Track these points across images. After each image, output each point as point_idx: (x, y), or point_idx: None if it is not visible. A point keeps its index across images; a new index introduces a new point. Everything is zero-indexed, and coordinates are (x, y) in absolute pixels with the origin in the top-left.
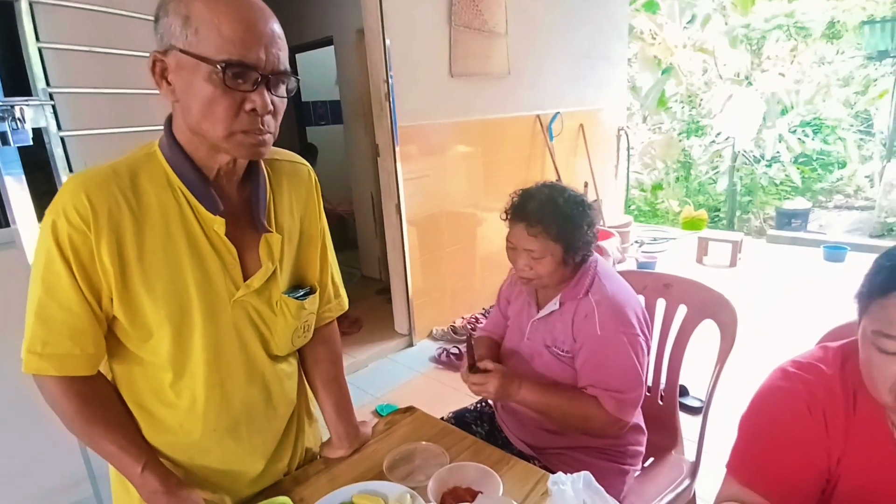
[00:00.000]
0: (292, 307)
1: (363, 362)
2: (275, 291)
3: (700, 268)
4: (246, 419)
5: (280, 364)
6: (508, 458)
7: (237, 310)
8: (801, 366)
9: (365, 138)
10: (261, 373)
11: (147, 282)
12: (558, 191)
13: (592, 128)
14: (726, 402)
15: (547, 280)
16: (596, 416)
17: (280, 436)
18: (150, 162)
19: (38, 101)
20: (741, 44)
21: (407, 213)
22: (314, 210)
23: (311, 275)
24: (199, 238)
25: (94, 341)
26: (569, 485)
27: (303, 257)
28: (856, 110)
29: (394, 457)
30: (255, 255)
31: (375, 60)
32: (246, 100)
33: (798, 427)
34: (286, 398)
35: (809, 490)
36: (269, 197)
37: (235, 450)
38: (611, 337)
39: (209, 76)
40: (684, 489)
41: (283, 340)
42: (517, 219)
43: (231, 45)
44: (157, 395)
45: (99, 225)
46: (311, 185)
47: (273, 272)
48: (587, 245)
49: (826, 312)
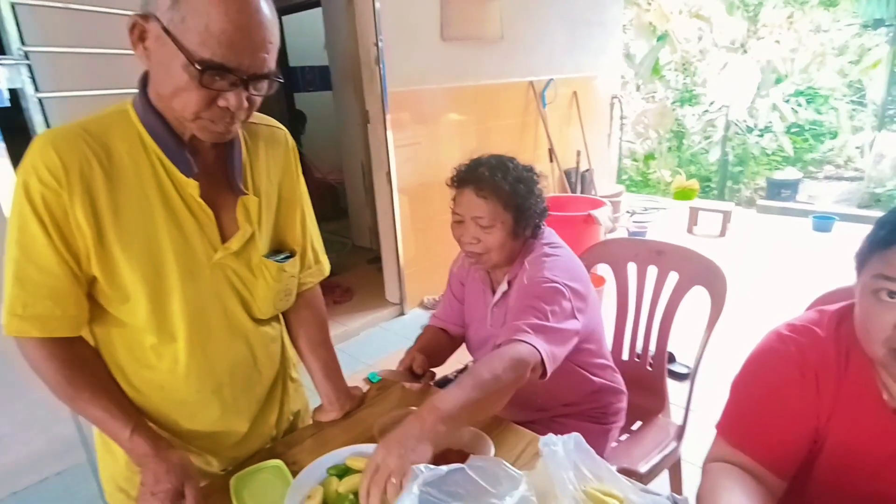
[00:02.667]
0: (272, 270)
1: (355, 331)
2: (254, 254)
3: (690, 237)
4: (229, 381)
5: (263, 327)
6: (499, 421)
7: (216, 272)
8: (796, 328)
9: (355, 105)
10: (243, 335)
11: (122, 241)
12: (507, 159)
13: (586, 96)
14: (713, 368)
15: (496, 256)
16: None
17: (264, 398)
18: (122, 121)
19: (13, 61)
20: (738, 10)
21: (398, 181)
22: (292, 174)
23: (290, 239)
24: (173, 199)
25: (75, 302)
26: (560, 445)
27: (282, 221)
28: (849, 80)
29: (385, 421)
30: (232, 217)
31: (365, 23)
32: (219, 97)
33: (789, 390)
34: (270, 360)
35: (798, 450)
36: (246, 160)
37: (220, 412)
38: (533, 283)
39: (186, 67)
40: (671, 451)
41: (264, 304)
42: (466, 183)
43: (216, 45)
44: (137, 359)
45: (71, 182)
46: (288, 150)
47: (252, 235)
48: (539, 215)
49: (813, 281)
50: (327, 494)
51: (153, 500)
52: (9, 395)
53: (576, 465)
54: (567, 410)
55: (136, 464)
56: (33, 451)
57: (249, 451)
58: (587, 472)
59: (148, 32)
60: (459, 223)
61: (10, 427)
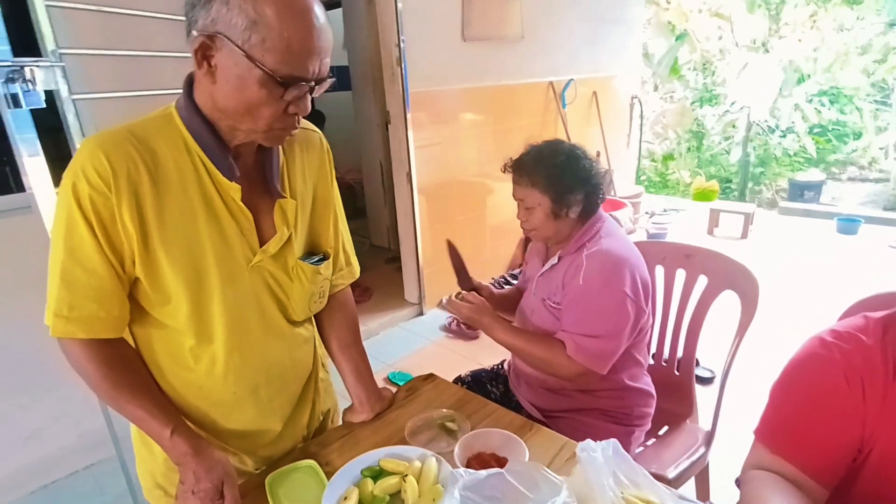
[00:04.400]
0: (308, 272)
1: (374, 330)
2: (290, 257)
3: (711, 239)
4: (265, 382)
5: (298, 329)
6: (531, 424)
7: (255, 275)
8: (840, 335)
9: (374, 105)
10: (279, 337)
11: (166, 244)
12: (555, 144)
13: (606, 96)
14: (738, 372)
15: (546, 233)
16: (558, 359)
17: (297, 398)
18: (167, 125)
19: (49, 63)
20: (759, 8)
21: (418, 181)
22: (326, 177)
23: (324, 241)
24: (216, 203)
25: (118, 303)
26: (599, 451)
27: (316, 223)
28: (873, 80)
29: (416, 423)
30: (269, 220)
31: (387, 23)
32: (291, 104)
33: (835, 396)
34: (304, 362)
35: (842, 459)
36: (283, 163)
37: (255, 411)
38: (592, 288)
39: (265, 82)
40: (699, 457)
41: (300, 305)
42: (512, 170)
43: (296, 62)
44: (175, 359)
45: (119, 186)
46: (322, 152)
47: (289, 238)
48: (582, 200)
49: (840, 284)
50: (363, 496)
51: (193, 498)
52: (42, 388)
53: (614, 472)
54: (590, 404)
55: (176, 462)
56: (64, 445)
57: (283, 450)
58: (624, 478)
59: (215, 51)
60: (517, 203)
61: (44, 421)
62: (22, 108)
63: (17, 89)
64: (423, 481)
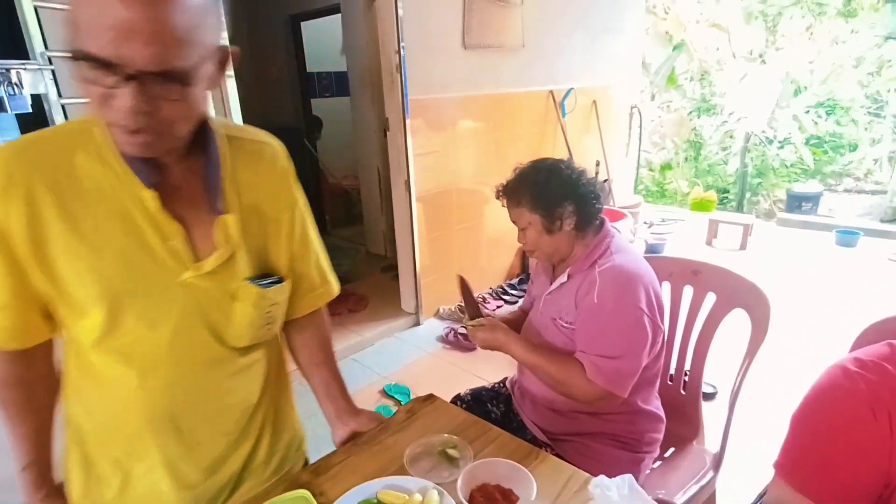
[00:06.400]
0: (252, 295)
1: (369, 340)
2: (233, 277)
3: (710, 250)
4: (188, 411)
5: (237, 355)
6: (536, 452)
7: (185, 293)
8: (865, 364)
9: (372, 111)
10: (210, 363)
11: (72, 256)
12: (539, 163)
13: (605, 105)
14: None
15: (546, 250)
16: (576, 380)
17: (232, 433)
18: (87, 131)
19: (37, 66)
20: (756, 20)
21: (416, 189)
22: (282, 193)
23: (279, 263)
24: (134, 212)
25: (15, 314)
26: (614, 490)
27: (270, 244)
28: (867, 92)
29: (415, 449)
30: (209, 236)
31: (387, 29)
32: (111, 96)
33: (861, 431)
34: (242, 393)
35: (868, 497)
36: (227, 176)
37: (175, 446)
38: (606, 306)
39: (70, 66)
40: (708, 481)
41: (240, 330)
42: (501, 195)
43: (87, 36)
44: (91, 380)
45: (10, 193)
46: (276, 167)
47: (232, 256)
48: (574, 212)
49: (841, 298)
50: None
51: None
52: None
53: None
54: (598, 428)
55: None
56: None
57: (214, 488)
58: None
59: None
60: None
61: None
62: (7, 112)
63: (1, 93)
64: None
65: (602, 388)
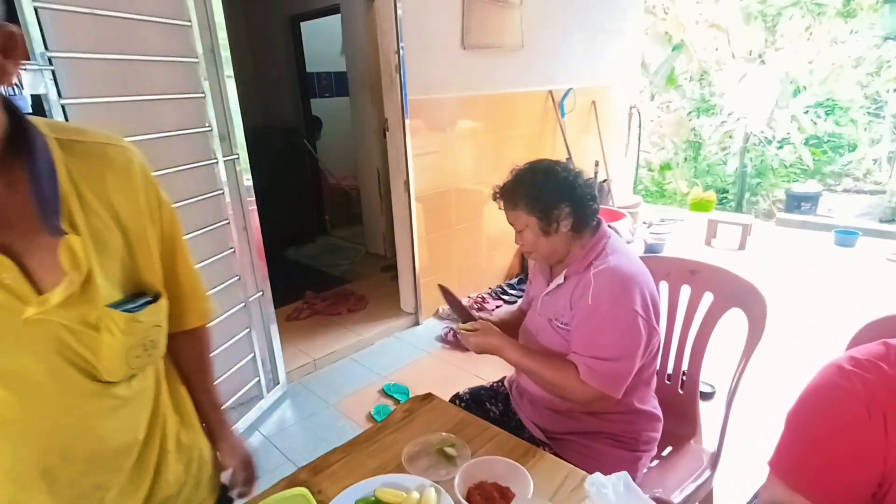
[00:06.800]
0: (120, 322)
1: (369, 340)
2: (92, 305)
3: (710, 250)
4: (61, 461)
5: (115, 390)
6: (534, 450)
7: (36, 332)
8: (860, 363)
9: (371, 111)
10: (82, 403)
11: None
12: (536, 164)
13: (604, 105)
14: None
15: (543, 252)
16: (570, 383)
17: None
18: None
19: (37, 66)
20: (755, 20)
21: (415, 189)
22: (142, 199)
23: (153, 279)
24: None
25: None
26: (610, 487)
27: (138, 259)
28: (866, 92)
29: (413, 448)
30: (53, 262)
31: (386, 30)
32: None
33: (856, 430)
34: (124, 430)
35: (862, 497)
36: (68, 190)
37: (53, 500)
38: (601, 308)
39: None
40: (705, 480)
41: (113, 363)
42: (498, 198)
43: None
44: None
45: None
46: (132, 171)
47: (87, 281)
48: (571, 213)
49: (840, 298)
50: None
51: None
52: None
53: None
54: (596, 427)
55: None
56: None
57: None
58: None
59: None
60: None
61: None
62: None
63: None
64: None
65: (596, 389)
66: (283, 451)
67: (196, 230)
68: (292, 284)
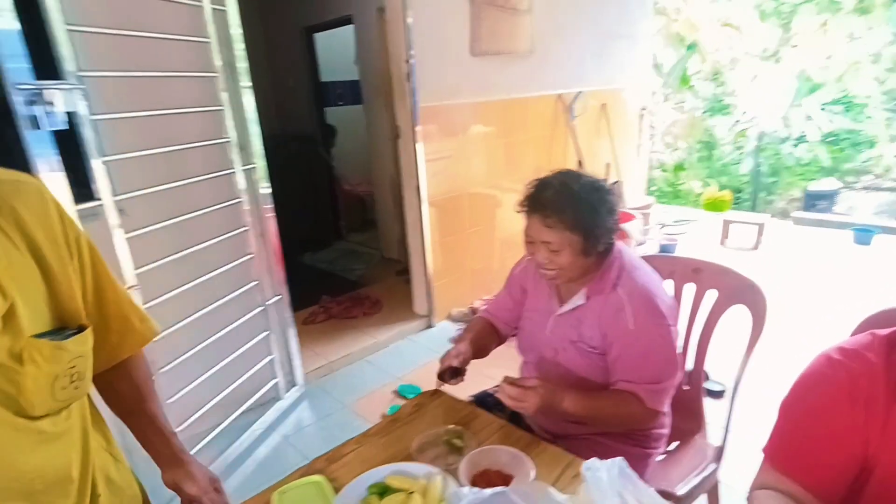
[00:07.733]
0: (45, 350)
1: (383, 343)
2: (16, 336)
3: (723, 250)
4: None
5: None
6: (537, 441)
7: None
8: (846, 353)
9: (385, 118)
10: (9, 441)
11: None
12: (573, 177)
13: (615, 108)
14: (749, 386)
15: (570, 273)
16: (637, 412)
17: None
18: None
19: (70, 85)
20: (770, 18)
21: (427, 194)
22: (59, 230)
23: (75, 312)
24: None
25: None
26: (604, 471)
27: (61, 290)
28: (884, 88)
29: (423, 439)
30: None
31: (396, 39)
32: None
33: (837, 417)
34: (54, 466)
35: (845, 479)
36: None
37: None
38: (644, 330)
39: None
40: (710, 474)
41: (38, 396)
42: (533, 210)
43: None
44: None
45: None
46: (45, 204)
47: (10, 313)
48: (609, 233)
49: (855, 296)
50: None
51: None
52: None
53: (620, 492)
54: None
55: None
56: None
57: None
58: (631, 498)
59: None
60: (531, 243)
61: None
62: (41, 129)
63: (36, 111)
64: (428, 499)
65: (658, 410)
66: (301, 450)
67: (216, 237)
68: (309, 289)
